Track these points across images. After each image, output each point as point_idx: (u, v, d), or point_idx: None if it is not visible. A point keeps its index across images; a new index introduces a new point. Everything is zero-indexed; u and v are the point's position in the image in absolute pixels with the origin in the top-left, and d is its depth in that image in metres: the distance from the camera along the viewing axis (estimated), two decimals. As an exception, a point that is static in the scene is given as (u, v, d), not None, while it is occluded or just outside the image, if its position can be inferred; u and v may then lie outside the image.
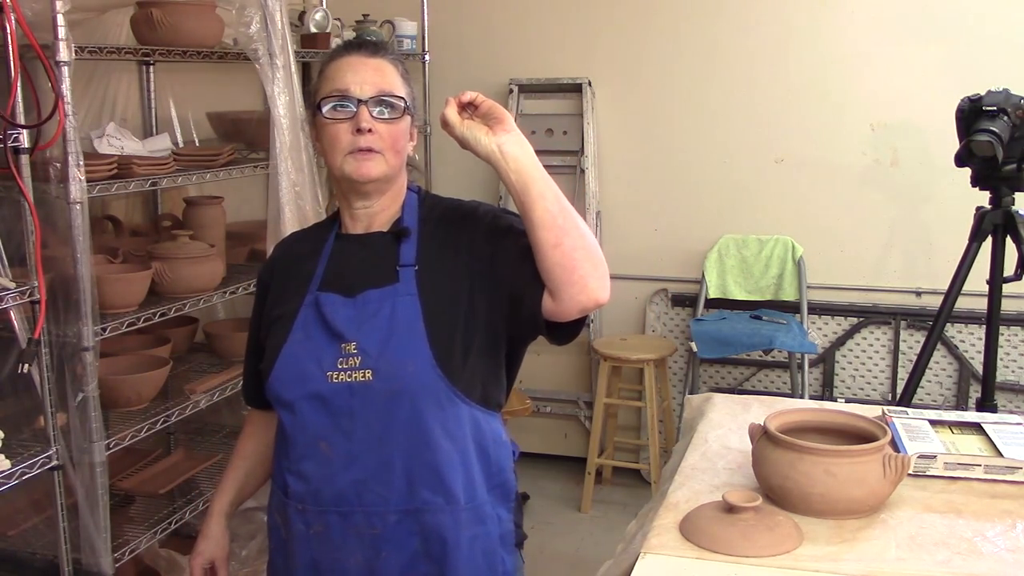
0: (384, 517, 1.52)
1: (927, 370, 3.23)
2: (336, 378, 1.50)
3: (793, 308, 3.95)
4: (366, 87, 1.53)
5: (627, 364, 3.89)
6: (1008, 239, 2.96)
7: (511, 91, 4.18)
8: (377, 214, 1.60)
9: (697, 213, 4.11)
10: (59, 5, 2.03)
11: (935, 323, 3.08)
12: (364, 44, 1.59)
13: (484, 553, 1.57)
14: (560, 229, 1.42)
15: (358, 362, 1.50)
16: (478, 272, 1.53)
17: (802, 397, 3.85)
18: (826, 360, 4.02)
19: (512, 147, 1.43)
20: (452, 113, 1.45)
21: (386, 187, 1.58)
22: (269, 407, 1.66)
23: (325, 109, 1.54)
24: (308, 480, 1.54)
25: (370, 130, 1.52)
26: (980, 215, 3.01)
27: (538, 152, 1.47)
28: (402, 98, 1.56)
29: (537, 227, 1.42)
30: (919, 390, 3.52)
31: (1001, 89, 2.87)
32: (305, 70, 3.02)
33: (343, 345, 1.51)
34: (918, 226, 3.87)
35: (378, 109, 1.54)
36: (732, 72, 4.00)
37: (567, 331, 1.51)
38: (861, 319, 3.96)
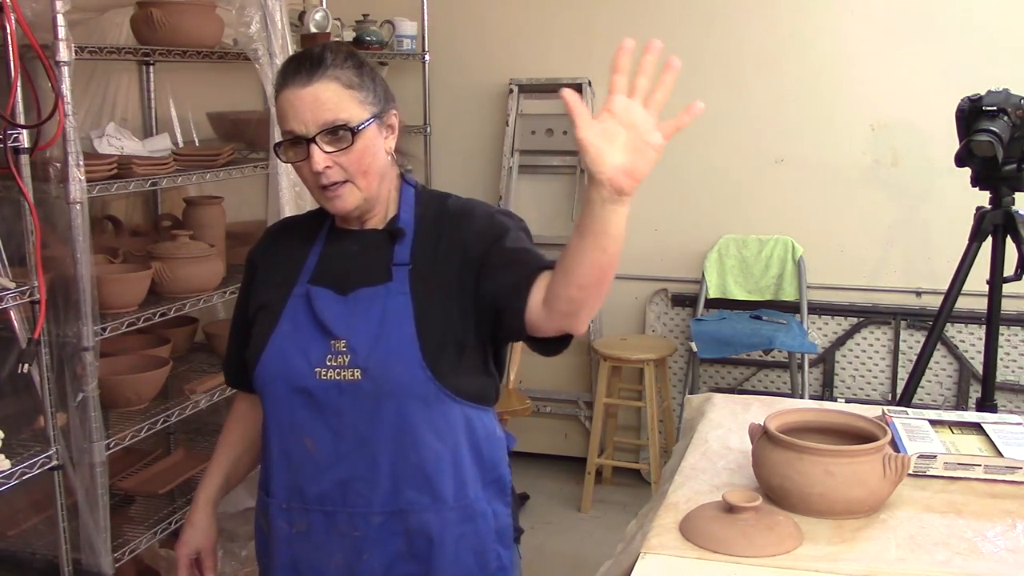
0: (368, 518, 1.51)
1: (927, 370, 3.23)
2: (324, 375, 1.49)
3: (793, 308, 3.95)
4: (309, 124, 1.45)
5: (627, 364, 3.89)
6: (1008, 239, 2.96)
7: (511, 91, 4.18)
8: (368, 220, 1.58)
9: (697, 213, 4.11)
10: (59, 5, 2.03)
11: (935, 323, 3.08)
12: (300, 68, 1.47)
13: (473, 551, 1.56)
14: (598, 280, 1.33)
15: (347, 360, 1.49)
16: (469, 273, 1.51)
17: (802, 397, 3.85)
18: (826, 360, 4.02)
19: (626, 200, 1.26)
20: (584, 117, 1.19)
21: (368, 206, 1.54)
22: (253, 389, 1.64)
23: (284, 151, 1.49)
24: (293, 476, 1.54)
25: (328, 167, 1.46)
26: (980, 215, 3.00)
27: (538, 152, 1.47)
28: (345, 124, 1.46)
29: (582, 264, 1.31)
30: (919, 390, 3.52)
31: (1001, 89, 2.86)
32: (305, 70, 3.02)
33: (333, 342, 1.50)
34: (918, 226, 3.87)
35: (327, 141, 1.46)
36: (732, 72, 3.99)
37: (554, 346, 1.47)
38: (861, 319, 3.96)
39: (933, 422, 1.82)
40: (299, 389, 1.51)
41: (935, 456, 1.65)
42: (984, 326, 3.13)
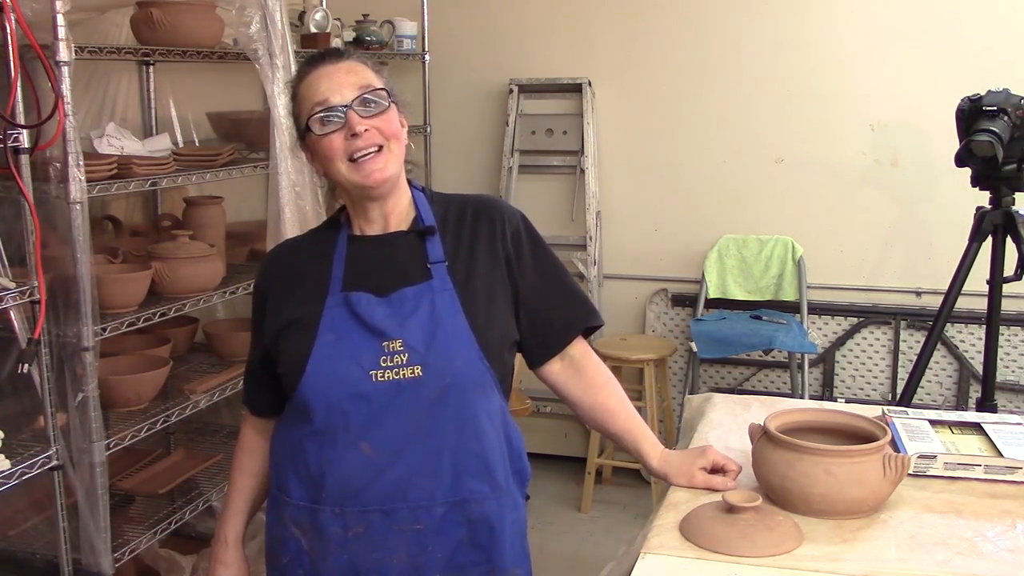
0: (431, 511, 1.51)
1: (927, 370, 3.23)
2: (381, 376, 1.49)
3: (793, 308, 3.95)
4: (345, 91, 1.52)
5: (627, 364, 3.89)
6: (1008, 239, 2.96)
7: (511, 91, 4.18)
8: (391, 212, 1.60)
9: (697, 213, 4.11)
10: (59, 5, 2.03)
11: (935, 323, 3.08)
12: (326, 54, 1.58)
13: (520, 537, 1.61)
14: None
15: (405, 359, 1.49)
16: (508, 276, 1.60)
17: (802, 397, 3.85)
18: (826, 360, 4.02)
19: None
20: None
21: (396, 182, 1.57)
22: (275, 415, 1.65)
23: (314, 125, 1.52)
24: (348, 482, 1.51)
25: (366, 130, 1.51)
26: (980, 215, 3.00)
27: (538, 152, 1.49)
28: (383, 89, 1.55)
29: (602, 432, 1.83)
30: (919, 390, 3.52)
31: (1001, 89, 2.86)
32: (305, 70, 3.02)
33: (385, 343, 1.50)
34: (918, 226, 3.87)
35: (364, 108, 1.52)
36: (732, 72, 3.99)
37: None
38: (861, 319, 3.96)
39: (933, 422, 1.82)
40: (355, 395, 1.49)
41: (935, 456, 1.65)
42: (984, 326, 3.13)
